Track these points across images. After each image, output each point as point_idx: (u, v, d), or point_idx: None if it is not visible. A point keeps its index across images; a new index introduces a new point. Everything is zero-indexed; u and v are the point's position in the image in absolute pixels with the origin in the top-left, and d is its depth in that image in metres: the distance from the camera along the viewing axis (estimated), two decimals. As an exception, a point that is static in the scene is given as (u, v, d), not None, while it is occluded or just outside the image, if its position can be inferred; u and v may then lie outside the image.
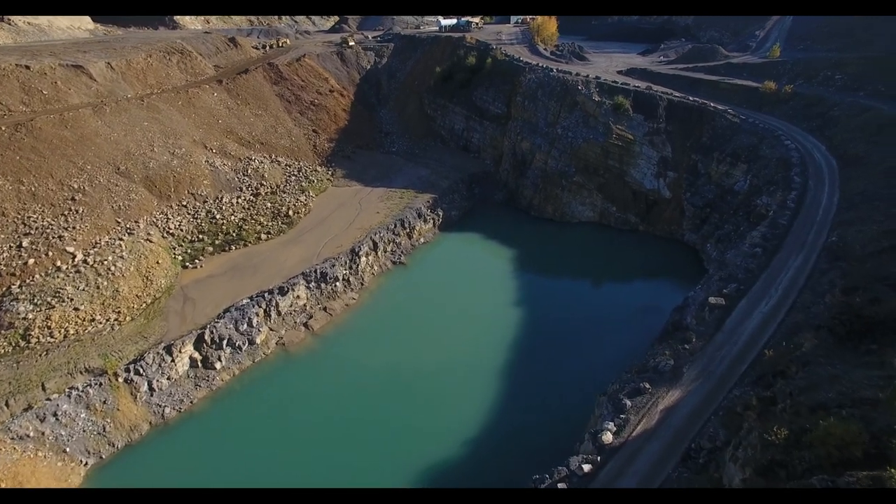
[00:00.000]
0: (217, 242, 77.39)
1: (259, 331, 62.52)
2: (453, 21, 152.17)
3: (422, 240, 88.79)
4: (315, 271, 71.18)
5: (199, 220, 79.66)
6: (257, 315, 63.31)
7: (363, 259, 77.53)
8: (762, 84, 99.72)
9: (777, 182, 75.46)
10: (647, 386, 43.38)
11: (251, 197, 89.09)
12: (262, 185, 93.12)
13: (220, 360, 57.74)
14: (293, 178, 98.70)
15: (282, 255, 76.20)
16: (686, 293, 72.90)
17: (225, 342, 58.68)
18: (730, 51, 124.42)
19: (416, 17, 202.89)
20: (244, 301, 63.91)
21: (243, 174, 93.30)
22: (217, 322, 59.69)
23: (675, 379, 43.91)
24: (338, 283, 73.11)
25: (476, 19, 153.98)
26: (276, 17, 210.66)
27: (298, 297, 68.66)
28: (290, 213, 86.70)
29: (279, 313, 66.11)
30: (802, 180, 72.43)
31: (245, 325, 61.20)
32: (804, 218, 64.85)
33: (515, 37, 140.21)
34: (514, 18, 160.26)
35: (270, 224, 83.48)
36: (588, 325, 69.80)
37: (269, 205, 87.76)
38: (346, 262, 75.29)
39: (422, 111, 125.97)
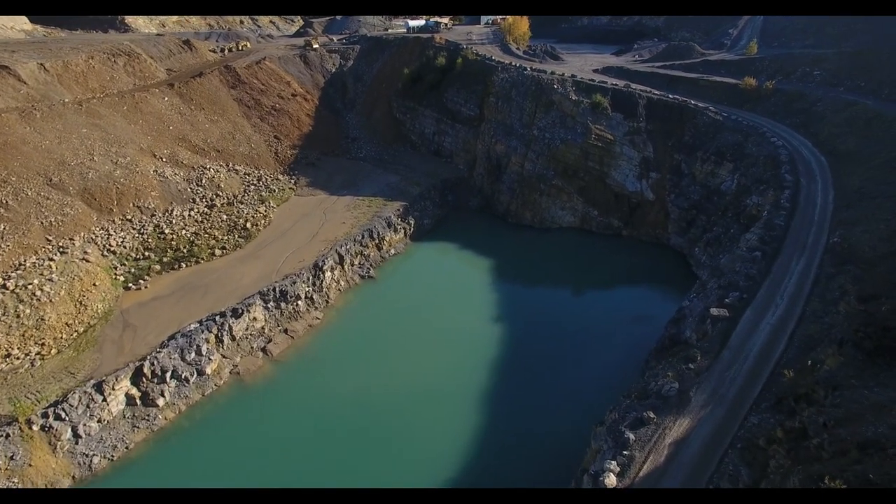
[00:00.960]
0: (165, 260, 69.82)
1: (210, 359, 55.31)
2: (421, 22, 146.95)
3: (392, 251, 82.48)
4: (274, 290, 64.26)
5: (145, 236, 72.05)
6: (207, 341, 56.12)
7: (328, 274, 70.88)
8: (742, 81, 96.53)
9: (767, 181, 71.51)
10: (652, 415, 37.84)
11: (205, 209, 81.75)
12: (217, 195, 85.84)
13: (163, 395, 50.40)
14: (252, 187, 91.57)
15: (238, 272, 69.03)
16: (677, 301, 68.49)
17: (169, 374, 51.38)
18: (705, 49, 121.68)
19: (384, 20, 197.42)
20: (193, 326, 56.65)
21: (197, 184, 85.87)
22: (160, 351, 52.33)
23: (681, 405, 38.50)
24: (300, 302, 66.31)
25: (445, 20, 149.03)
26: (238, 21, 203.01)
27: (255, 319, 61.65)
28: (248, 225, 79.54)
29: (233, 338, 59.01)
30: (794, 178, 68.59)
31: (193, 354, 53.98)
32: (801, 218, 60.74)
33: (486, 37, 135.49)
34: (484, 19, 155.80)
35: (226, 238, 76.20)
36: (574, 339, 64.37)
37: (224, 217, 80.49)
38: (308, 279, 68.53)
39: (390, 115, 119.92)
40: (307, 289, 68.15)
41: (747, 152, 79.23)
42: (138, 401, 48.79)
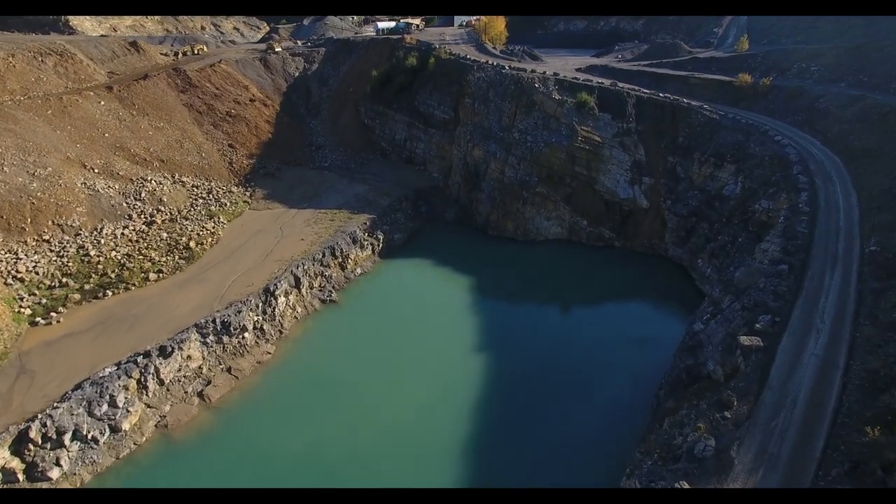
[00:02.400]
0: (87, 287, 59.07)
1: (128, 412, 44.79)
2: (391, 24, 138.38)
3: (358, 270, 72.70)
4: (215, 321, 54.02)
5: (64, 260, 61.25)
6: (126, 389, 45.61)
7: (281, 300, 60.86)
8: (736, 78, 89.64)
9: (776, 183, 63.85)
10: (686, 485, 28.82)
11: (143, 226, 71.24)
12: (159, 210, 75.44)
13: (58, 464, 39.76)
14: (201, 201, 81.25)
15: (174, 300, 58.62)
16: (681, 320, 60.46)
17: (69, 436, 40.77)
18: (691, 47, 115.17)
19: (354, 25, 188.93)
20: (107, 370, 46.11)
21: (135, 198, 75.32)
22: (58, 407, 41.70)
23: (722, 470, 29.58)
24: (247, 335, 56.11)
25: (416, 21, 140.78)
26: (200, 26, 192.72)
27: (190, 357, 51.31)
28: (192, 244, 69.17)
29: (161, 383, 48.60)
30: (809, 179, 61.00)
31: (105, 406, 43.44)
32: (825, 224, 52.94)
33: (461, 37, 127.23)
34: (458, 21, 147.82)
35: (164, 260, 65.70)
36: (567, 370, 55.31)
37: (165, 235, 70.06)
38: (258, 306, 58.43)
39: (358, 121, 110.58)
40: (256, 318, 58.03)
41: (750, 152, 71.81)
42: (21, 475, 37.98)
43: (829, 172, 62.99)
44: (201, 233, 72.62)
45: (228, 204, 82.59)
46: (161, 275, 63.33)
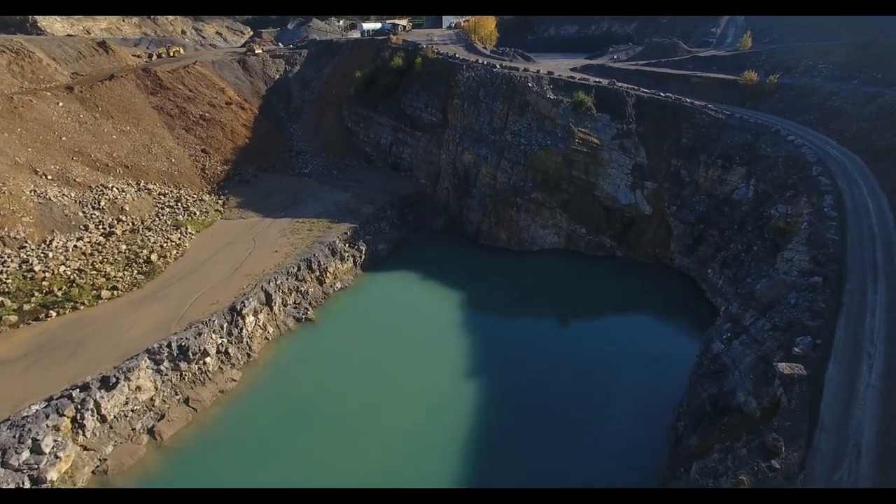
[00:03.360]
0: (27, 308, 52.16)
1: (57, 457, 37.95)
2: (377, 25, 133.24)
3: (338, 285, 66.25)
4: (171, 344, 47.35)
5: (2, 276, 54.38)
6: (57, 429, 38.85)
7: (249, 319, 54.28)
8: (741, 76, 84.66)
9: (793, 186, 58.33)
10: (734, 563, 22.60)
11: (100, 238, 64.60)
12: (120, 220, 68.98)
13: (-37, 527, 32.82)
14: (167, 210, 74.76)
15: (127, 321, 51.83)
16: (692, 337, 54.85)
17: (-22, 491, 33.88)
18: (690, 47, 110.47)
19: (340, 28, 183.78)
20: (34, 408, 39.26)
21: (93, 207, 68.75)
22: (-34, 456, 34.88)
23: (778, 542, 23.36)
24: (208, 360, 49.47)
25: (403, 22, 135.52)
26: (180, 30, 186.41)
27: (140, 388, 44.58)
28: (154, 257, 62.49)
29: (103, 419, 41.84)
30: (831, 181, 55.52)
31: (25, 454, 36.61)
32: (856, 230, 47.32)
33: (449, 38, 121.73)
34: (446, 22, 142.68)
35: (120, 275, 58.97)
36: (568, 395, 49.07)
37: (124, 248, 63.40)
38: (222, 326, 51.83)
39: (341, 125, 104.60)
40: (220, 340, 51.41)
41: (762, 154, 66.41)
42: None
43: (851, 173, 57.61)
44: (165, 245, 66.02)
45: (198, 213, 76.09)
46: (116, 292, 56.49)
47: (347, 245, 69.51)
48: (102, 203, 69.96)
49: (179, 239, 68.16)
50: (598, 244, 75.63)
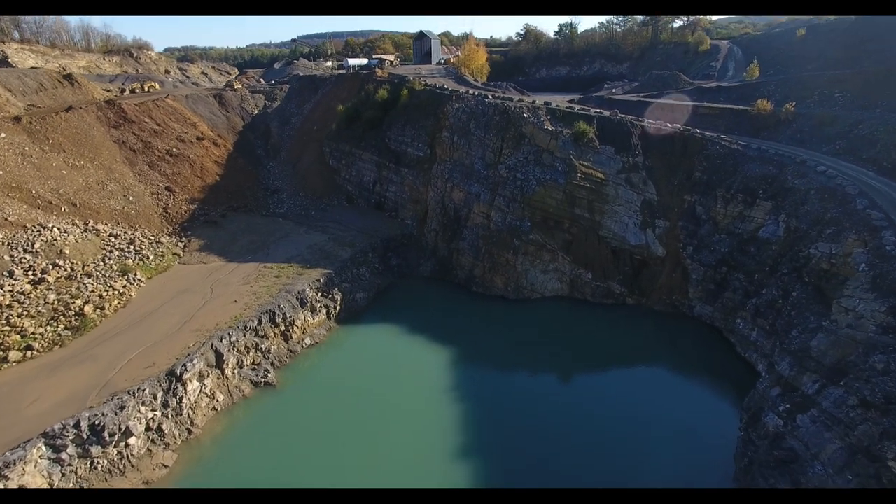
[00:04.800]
0: (-84, 376, 42.49)
1: None
2: (364, 61, 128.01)
3: (307, 341, 56.77)
4: (79, 424, 37.56)
5: None
6: None
7: (192, 386, 44.66)
8: (752, 106, 78.17)
9: (835, 221, 50.26)
10: None
11: (26, 286, 55.13)
12: (56, 265, 59.70)
13: None
14: (116, 253, 65.81)
15: (33, 390, 42.14)
16: (728, 405, 46.13)
17: None
18: (692, 79, 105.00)
19: (329, 68, 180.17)
20: None
21: (24, 250, 59.58)
22: None
23: None
24: (132, 441, 39.59)
25: (390, 57, 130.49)
26: (163, 69, 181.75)
27: (26, 486, 34.52)
28: (88, 309, 53.24)
29: (-25, 531, 31.56)
30: (883, 214, 47.53)
31: None
32: (930, 273, 38.84)
33: (438, 72, 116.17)
34: (435, 58, 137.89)
35: (41, 331, 49.59)
36: (573, 481, 39.34)
37: (52, 298, 54.04)
38: (155, 397, 42.16)
39: (322, 162, 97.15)
40: (152, 414, 41.65)
41: (789, 186, 58.67)
42: None
43: (900, 207, 49.74)
44: (106, 294, 56.93)
45: (152, 257, 67.28)
46: (29, 353, 46.98)
47: (320, 294, 60.41)
48: (37, 245, 60.80)
49: (124, 287, 59.12)
50: (605, 291, 66.86)
